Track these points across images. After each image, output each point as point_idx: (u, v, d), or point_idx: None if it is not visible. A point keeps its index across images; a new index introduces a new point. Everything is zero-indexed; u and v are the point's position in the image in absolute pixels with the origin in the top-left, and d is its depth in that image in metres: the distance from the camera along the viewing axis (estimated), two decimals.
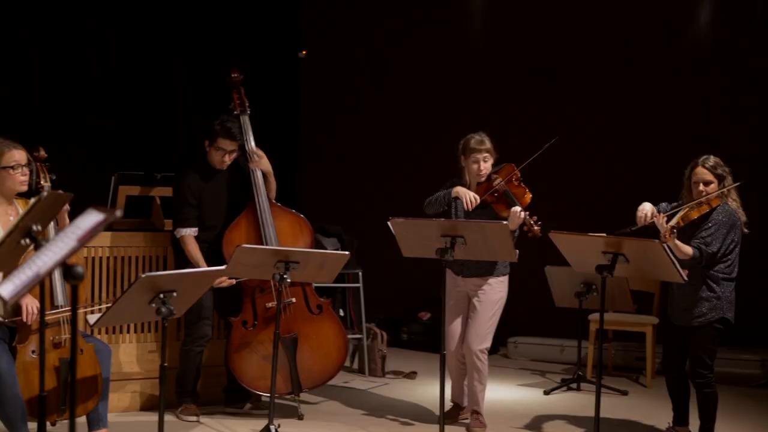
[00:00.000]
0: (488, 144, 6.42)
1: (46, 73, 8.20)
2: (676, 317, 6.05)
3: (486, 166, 6.40)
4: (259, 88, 9.62)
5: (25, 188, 5.45)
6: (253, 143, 6.69)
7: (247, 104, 6.77)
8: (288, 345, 6.57)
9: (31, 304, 5.18)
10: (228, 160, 6.59)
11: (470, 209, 6.30)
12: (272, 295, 6.53)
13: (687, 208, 5.87)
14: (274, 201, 6.71)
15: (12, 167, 5.36)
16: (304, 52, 6.94)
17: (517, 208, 6.14)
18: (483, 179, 6.40)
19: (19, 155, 5.39)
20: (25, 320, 5.20)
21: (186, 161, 7.06)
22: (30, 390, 5.10)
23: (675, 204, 6.08)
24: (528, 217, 6.11)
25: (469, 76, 9.69)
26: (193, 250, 6.52)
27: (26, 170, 5.42)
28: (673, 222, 5.79)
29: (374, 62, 10.18)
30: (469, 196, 6.27)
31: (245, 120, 6.74)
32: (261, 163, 6.68)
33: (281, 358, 6.48)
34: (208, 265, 6.28)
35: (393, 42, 10.06)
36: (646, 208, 5.96)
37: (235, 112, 6.74)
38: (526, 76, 9.42)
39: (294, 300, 6.64)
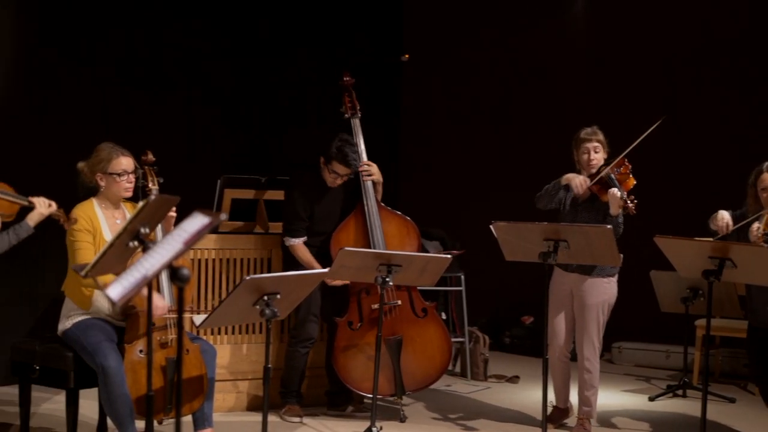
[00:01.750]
0: (600, 135, 6.35)
1: (153, 76, 8.34)
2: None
3: (597, 156, 6.32)
4: (362, 91, 9.65)
5: (129, 195, 5.55)
6: (363, 150, 6.71)
7: (358, 107, 6.80)
8: (392, 347, 6.59)
9: (159, 301, 5.29)
10: (339, 181, 6.64)
11: (580, 192, 6.23)
12: (377, 296, 6.55)
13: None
14: (381, 203, 6.74)
15: (118, 174, 5.47)
16: (406, 56, 6.95)
17: (615, 189, 6.07)
18: (594, 170, 6.32)
19: (126, 162, 5.49)
20: (163, 315, 5.31)
21: (294, 167, 7.12)
22: (137, 389, 5.19)
23: (741, 211, 5.98)
24: (626, 196, 6.03)
25: (572, 77, 9.60)
26: (304, 254, 6.59)
27: (132, 177, 5.51)
28: (762, 228, 5.69)
29: (475, 65, 10.15)
30: (579, 180, 6.22)
31: (356, 123, 6.77)
32: (373, 176, 6.71)
33: (385, 360, 6.51)
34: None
35: (494, 44, 10.02)
36: (726, 217, 5.89)
37: (346, 115, 6.78)
38: (629, 77, 9.29)
39: (399, 302, 6.65)
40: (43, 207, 5.20)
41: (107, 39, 8.02)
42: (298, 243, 6.62)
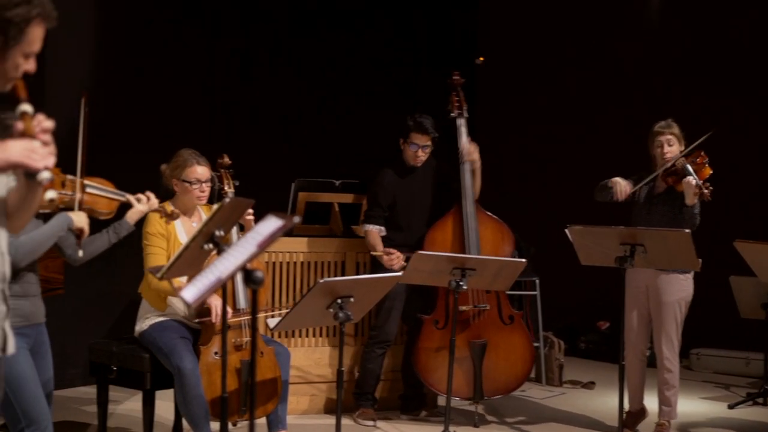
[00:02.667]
0: (674, 129, 6.28)
1: (230, 80, 8.41)
2: None
3: (671, 149, 6.24)
4: (437, 92, 9.65)
5: (202, 203, 5.58)
6: (466, 140, 6.70)
7: (465, 107, 6.77)
8: (476, 351, 6.56)
9: (219, 306, 5.32)
10: (421, 155, 6.63)
11: (620, 199, 6.19)
12: (465, 298, 6.54)
13: None
14: (479, 206, 6.71)
15: (191, 182, 5.51)
16: (481, 59, 6.92)
17: (690, 178, 5.98)
18: (669, 164, 6.23)
19: (201, 171, 5.52)
20: (213, 321, 5.35)
21: (372, 169, 7.14)
22: (212, 390, 5.23)
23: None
24: (701, 183, 5.95)
25: (647, 79, 9.48)
26: (373, 241, 6.61)
27: (205, 187, 5.53)
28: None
29: (549, 67, 10.08)
30: (621, 185, 6.19)
31: (462, 123, 6.74)
32: (473, 155, 6.67)
33: (467, 363, 6.50)
34: None
35: (569, 46, 9.94)
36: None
37: (452, 114, 6.74)
38: (703, 76, 9.15)
39: (488, 306, 6.63)
40: (143, 204, 5.05)
41: (188, 43, 8.10)
42: (372, 229, 6.63)
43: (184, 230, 5.49)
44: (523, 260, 5.94)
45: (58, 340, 7.19)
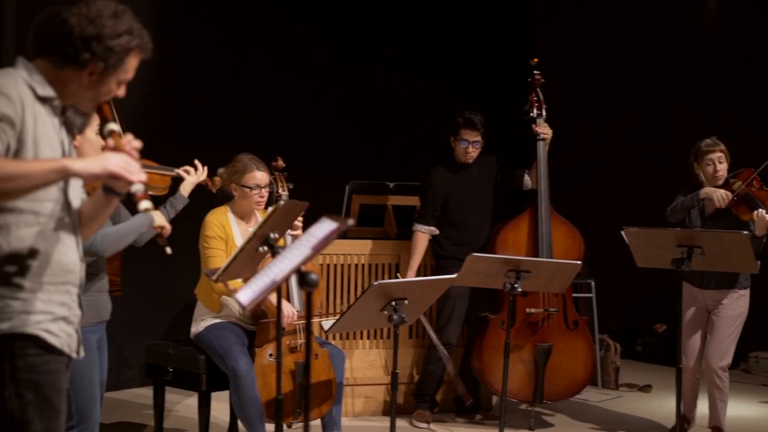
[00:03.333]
0: (722, 145, 6.21)
1: (281, 83, 8.43)
2: None
3: (722, 167, 6.17)
4: (492, 93, 9.63)
5: (260, 208, 5.63)
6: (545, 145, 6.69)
7: (544, 107, 6.74)
8: (541, 354, 6.54)
9: (286, 306, 5.34)
10: (472, 150, 6.62)
11: (722, 206, 6.08)
12: (535, 301, 6.54)
13: None
14: (553, 208, 6.69)
15: (250, 188, 5.54)
16: (535, 60, 6.89)
17: (763, 211, 5.90)
18: (720, 182, 6.17)
19: (260, 177, 5.56)
20: (290, 322, 5.37)
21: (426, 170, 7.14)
22: (267, 392, 5.25)
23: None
24: None
25: (703, 79, 9.37)
26: (414, 247, 6.63)
27: (264, 192, 5.58)
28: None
29: (604, 67, 10.00)
30: (720, 193, 6.06)
31: (540, 122, 6.71)
32: (547, 135, 6.67)
33: (529, 366, 6.49)
34: None
35: (624, 46, 9.86)
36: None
37: (531, 114, 6.71)
38: (761, 78, 9.03)
39: (557, 310, 6.59)
40: (193, 175, 5.35)
41: (240, 46, 8.15)
42: (420, 230, 6.64)
43: (241, 233, 5.52)
44: (579, 262, 5.90)
45: (116, 341, 7.32)
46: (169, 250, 4.25)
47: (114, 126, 3.02)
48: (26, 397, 2.93)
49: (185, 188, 5.29)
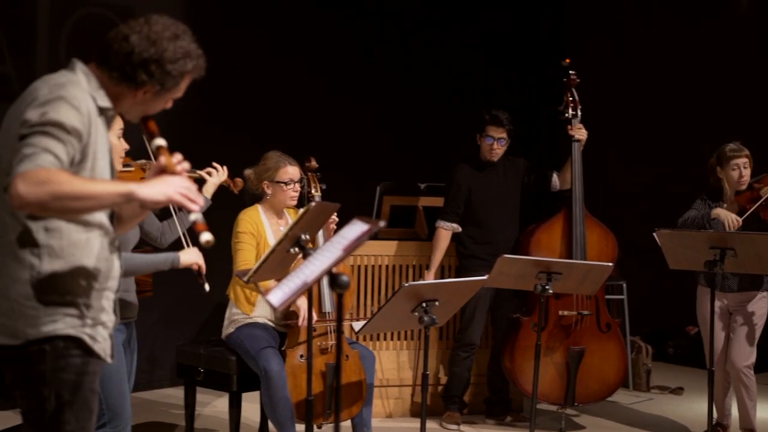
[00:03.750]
0: (746, 150, 6.18)
1: (313, 84, 8.45)
2: None
3: (747, 172, 6.14)
4: (522, 93, 9.61)
5: (294, 203, 5.64)
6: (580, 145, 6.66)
7: (579, 107, 6.70)
8: (574, 357, 6.52)
9: (306, 309, 5.35)
10: (497, 147, 6.61)
11: (732, 230, 6.01)
12: (568, 303, 6.52)
13: None
14: (587, 210, 6.67)
15: (285, 183, 5.56)
16: (567, 60, 6.86)
17: None
18: (743, 187, 6.13)
19: (293, 171, 5.58)
20: (300, 324, 5.38)
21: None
22: (298, 393, 5.26)
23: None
24: None
25: (737, 82, 9.31)
26: (436, 244, 6.63)
27: (298, 186, 5.61)
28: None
29: (635, 68, 9.96)
30: (730, 219, 6.01)
31: (576, 122, 6.67)
32: (582, 133, 6.63)
33: (561, 369, 6.47)
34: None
35: (655, 47, 9.81)
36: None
37: (566, 115, 6.68)
38: None
39: (590, 313, 6.58)
40: (215, 176, 5.31)
41: (273, 46, 8.17)
42: (443, 227, 6.64)
43: (272, 233, 5.53)
44: (610, 264, 5.87)
45: (147, 342, 7.35)
46: (207, 287, 4.30)
47: (161, 141, 3.06)
48: (64, 397, 2.98)
49: (207, 190, 5.29)
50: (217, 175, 5.33)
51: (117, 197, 2.83)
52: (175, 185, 2.90)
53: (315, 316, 5.39)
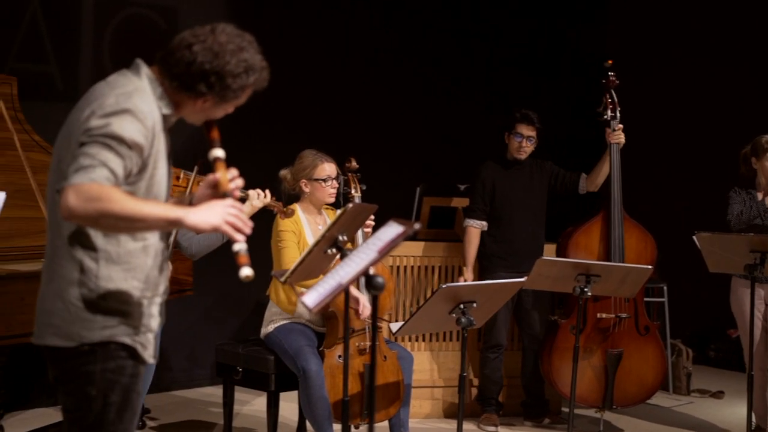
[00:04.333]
0: None
1: (355, 85, 8.47)
2: None
3: None
4: (564, 94, 9.57)
5: (332, 200, 5.65)
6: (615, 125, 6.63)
7: (618, 109, 6.67)
8: (612, 360, 6.50)
9: (364, 299, 5.36)
10: (526, 146, 6.62)
11: None
12: (607, 306, 6.50)
13: None
14: (625, 212, 6.65)
15: (323, 180, 5.58)
16: (610, 62, 6.83)
17: None
18: None
19: (330, 168, 5.60)
20: (361, 313, 5.38)
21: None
22: (336, 393, 5.26)
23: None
24: None
25: None
26: (468, 243, 6.62)
27: (335, 183, 5.62)
28: None
29: (678, 70, 9.89)
30: None
31: (614, 124, 6.65)
32: (621, 137, 6.62)
33: (600, 371, 6.46)
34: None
35: (699, 47, 9.75)
36: None
37: (605, 117, 6.66)
38: None
39: (629, 316, 6.55)
40: (255, 199, 5.21)
41: (305, 48, 8.20)
42: (471, 225, 6.64)
43: (311, 232, 5.55)
44: (649, 267, 5.84)
45: (187, 341, 7.42)
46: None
47: (219, 152, 3.05)
48: (111, 398, 3.00)
49: (246, 210, 5.22)
50: (258, 199, 5.26)
51: (164, 223, 2.85)
52: (224, 214, 2.89)
53: (368, 304, 5.41)
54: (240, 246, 2.92)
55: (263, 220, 5.66)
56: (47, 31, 6.80)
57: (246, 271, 2.90)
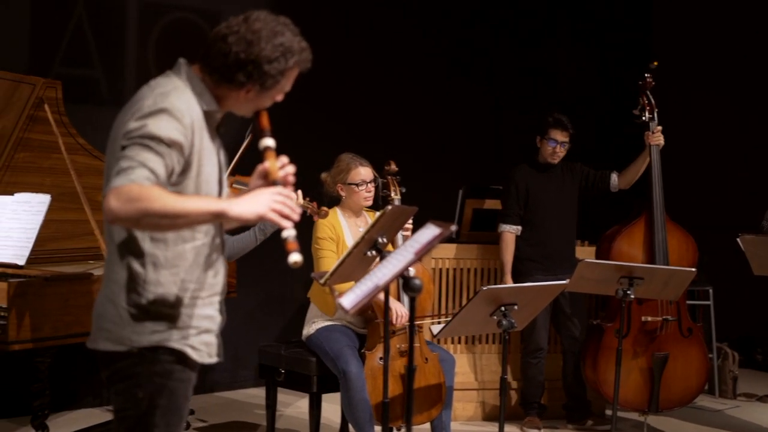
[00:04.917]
0: None
1: (398, 88, 8.48)
2: None
3: None
4: (610, 95, 9.53)
5: (369, 203, 5.65)
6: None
7: (656, 110, 6.63)
8: (658, 363, 6.46)
9: (400, 309, 5.38)
10: (559, 151, 6.61)
11: None
12: (652, 309, 6.47)
13: None
14: (667, 215, 6.61)
15: (357, 184, 5.59)
16: (655, 63, 6.79)
17: None
18: None
19: (365, 172, 5.61)
20: (394, 323, 5.39)
21: None
22: (377, 395, 5.25)
23: None
24: None
25: None
26: (505, 248, 6.60)
27: (370, 187, 5.62)
28: None
29: (725, 71, 9.81)
30: None
31: (653, 126, 6.61)
32: (660, 138, 6.60)
33: (645, 375, 6.41)
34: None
35: (746, 49, 9.65)
36: None
37: (643, 118, 6.62)
38: None
39: (674, 318, 6.51)
40: None
41: (352, 52, 8.22)
42: (507, 231, 6.63)
43: (351, 235, 5.57)
44: (693, 270, 5.79)
45: (231, 342, 7.43)
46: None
47: (270, 141, 3.00)
48: (157, 401, 2.99)
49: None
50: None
51: (208, 216, 2.82)
52: (269, 201, 2.85)
53: (405, 313, 5.41)
54: (288, 233, 2.86)
55: (303, 223, 5.69)
56: (92, 36, 6.88)
57: (295, 257, 2.84)
